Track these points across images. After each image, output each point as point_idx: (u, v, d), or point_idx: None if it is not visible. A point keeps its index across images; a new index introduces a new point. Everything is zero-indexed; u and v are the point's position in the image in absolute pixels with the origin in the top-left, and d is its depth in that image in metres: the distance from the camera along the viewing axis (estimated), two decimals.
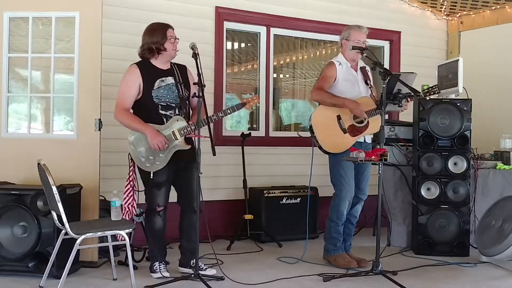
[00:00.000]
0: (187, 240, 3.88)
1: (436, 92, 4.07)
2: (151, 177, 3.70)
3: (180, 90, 3.80)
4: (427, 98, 4.27)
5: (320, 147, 4.09)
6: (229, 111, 3.81)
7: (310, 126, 4.09)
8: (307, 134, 4.30)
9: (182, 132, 3.71)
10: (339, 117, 4.05)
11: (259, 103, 3.93)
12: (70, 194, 3.82)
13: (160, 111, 3.74)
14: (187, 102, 3.87)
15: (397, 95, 4.03)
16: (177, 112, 3.78)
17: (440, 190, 4.59)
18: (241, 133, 5.22)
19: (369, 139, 4.23)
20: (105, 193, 4.27)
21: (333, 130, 4.04)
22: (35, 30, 4.31)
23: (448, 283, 3.81)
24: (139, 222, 4.08)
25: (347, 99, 3.99)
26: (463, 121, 4.58)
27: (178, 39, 3.83)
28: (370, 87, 4.17)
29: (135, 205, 3.83)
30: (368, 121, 4.05)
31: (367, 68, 4.28)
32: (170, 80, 3.80)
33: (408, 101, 4.05)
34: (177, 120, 3.74)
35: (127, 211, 3.79)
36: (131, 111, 3.78)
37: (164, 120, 3.74)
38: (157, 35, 3.75)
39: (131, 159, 3.77)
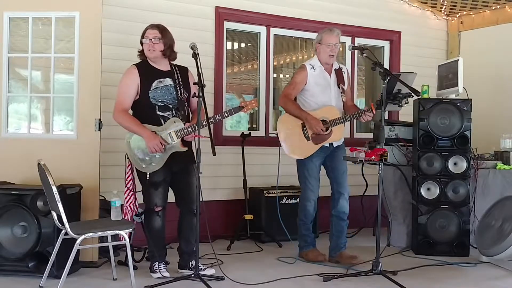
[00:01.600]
0: (186, 242, 3.88)
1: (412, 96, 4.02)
2: (147, 178, 3.71)
3: (179, 92, 3.80)
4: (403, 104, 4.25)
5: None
6: (226, 114, 3.82)
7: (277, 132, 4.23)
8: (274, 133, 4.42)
9: (179, 134, 3.71)
10: (303, 125, 4.17)
11: (257, 107, 3.96)
12: (70, 194, 3.82)
13: (158, 112, 3.74)
14: (185, 104, 3.87)
15: (397, 95, 4.04)
16: (174, 113, 3.78)
17: (440, 190, 4.59)
18: (241, 133, 5.22)
19: (337, 142, 4.27)
20: (105, 193, 4.27)
21: (297, 137, 4.18)
22: (35, 30, 4.30)
23: (448, 283, 3.81)
24: (139, 222, 4.07)
25: (309, 115, 4.12)
26: (463, 121, 4.58)
27: (155, 39, 3.72)
28: (341, 92, 4.24)
29: (136, 203, 3.84)
30: (331, 130, 4.14)
31: (344, 69, 4.37)
32: (168, 81, 3.80)
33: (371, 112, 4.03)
34: (174, 122, 3.74)
35: (129, 210, 3.79)
36: (130, 111, 3.79)
37: (162, 121, 3.74)
38: (141, 36, 3.79)
39: (128, 159, 3.77)
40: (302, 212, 4.34)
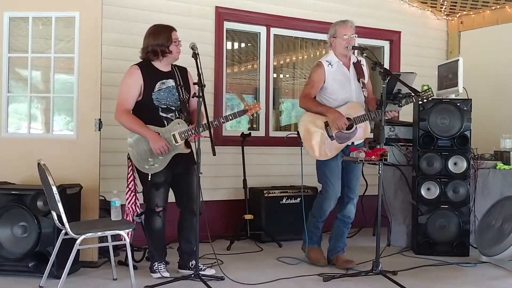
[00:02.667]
0: (186, 242, 3.88)
1: (430, 96, 3.94)
2: (149, 179, 3.70)
3: (181, 93, 3.80)
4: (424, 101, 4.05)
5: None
6: (230, 117, 3.81)
7: (298, 132, 4.08)
8: (294, 133, 4.28)
9: (183, 135, 3.71)
10: (326, 124, 4.01)
11: (260, 110, 3.92)
12: (70, 194, 3.82)
13: (161, 114, 3.74)
14: (187, 105, 3.87)
15: (397, 95, 4.02)
16: (177, 115, 3.78)
17: (440, 190, 4.59)
18: (241, 133, 5.23)
19: (359, 141, 4.16)
20: (105, 193, 4.27)
21: (320, 136, 4.02)
22: (35, 30, 4.30)
23: (448, 283, 3.81)
24: (139, 222, 4.07)
25: (331, 110, 3.96)
26: (463, 121, 4.58)
27: (181, 41, 3.83)
28: (362, 87, 4.08)
29: (138, 204, 3.83)
30: (356, 128, 4.01)
31: (362, 62, 4.20)
32: (170, 82, 3.80)
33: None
34: (178, 123, 3.74)
35: (131, 211, 3.79)
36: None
37: (165, 122, 3.74)
38: (161, 38, 3.74)
39: (130, 159, 3.76)
40: (316, 210, 4.18)
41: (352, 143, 4.07)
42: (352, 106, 4.05)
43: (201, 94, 3.52)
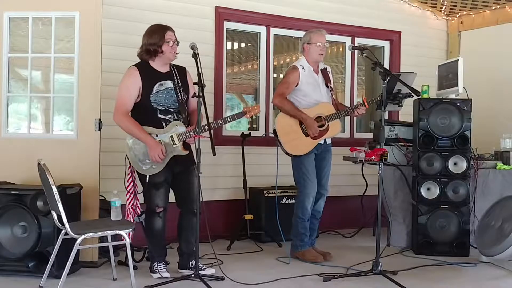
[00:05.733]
0: (186, 242, 3.88)
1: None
2: (147, 180, 3.70)
3: (179, 94, 3.79)
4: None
5: (283, 150, 4.25)
6: (229, 119, 3.82)
7: (274, 130, 4.26)
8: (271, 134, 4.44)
9: (181, 137, 3.71)
10: (301, 122, 4.22)
11: (259, 112, 3.99)
12: (70, 194, 3.82)
13: (159, 115, 3.73)
14: (185, 106, 3.86)
15: (397, 95, 4.05)
16: (175, 116, 3.78)
17: (440, 190, 4.59)
18: (241, 133, 5.22)
19: (329, 140, 4.40)
20: (105, 193, 4.27)
21: (296, 133, 4.23)
22: (35, 30, 4.30)
23: (448, 283, 3.81)
24: (139, 222, 4.07)
25: (304, 115, 4.18)
26: (463, 121, 4.58)
27: (178, 42, 3.80)
28: (330, 90, 4.37)
29: (138, 204, 3.83)
30: (328, 125, 4.23)
31: (328, 69, 4.47)
32: (169, 84, 3.79)
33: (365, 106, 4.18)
34: (176, 125, 3.73)
35: (131, 212, 3.79)
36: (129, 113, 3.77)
37: (163, 124, 3.73)
38: (155, 37, 3.73)
39: (128, 160, 3.76)
40: (299, 209, 4.33)
41: (324, 140, 4.30)
42: (323, 105, 4.29)
43: (201, 94, 3.52)
